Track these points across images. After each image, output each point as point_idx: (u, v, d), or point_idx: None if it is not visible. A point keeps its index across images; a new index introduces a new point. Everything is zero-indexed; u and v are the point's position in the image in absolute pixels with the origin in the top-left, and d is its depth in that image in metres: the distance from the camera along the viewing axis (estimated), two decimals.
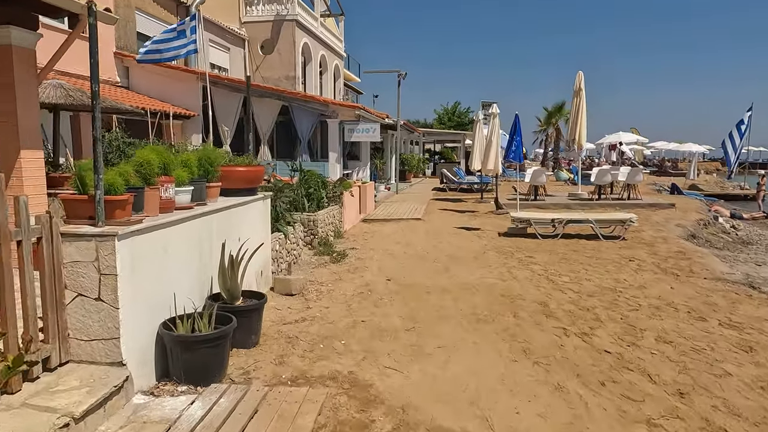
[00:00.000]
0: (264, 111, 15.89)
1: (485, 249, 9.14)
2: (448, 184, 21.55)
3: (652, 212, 13.76)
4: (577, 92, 16.14)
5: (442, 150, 42.82)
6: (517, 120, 11.15)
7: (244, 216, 5.43)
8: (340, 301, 5.90)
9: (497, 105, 13.83)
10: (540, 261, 8.14)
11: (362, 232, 11.05)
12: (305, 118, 15.59)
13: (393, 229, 11.34)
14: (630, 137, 24.07)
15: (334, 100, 15.39)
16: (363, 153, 19.93)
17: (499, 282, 6.82)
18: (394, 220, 12.80)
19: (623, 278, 7.05)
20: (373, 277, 7.01)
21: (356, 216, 12.35)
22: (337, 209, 10.38)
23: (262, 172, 5.83)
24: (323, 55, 26.71)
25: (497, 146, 13.65)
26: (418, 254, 8.64)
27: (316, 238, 8.93)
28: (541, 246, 9.38)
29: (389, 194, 18.66)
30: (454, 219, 13.04)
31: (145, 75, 16.04)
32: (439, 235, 10.63)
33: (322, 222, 9.18)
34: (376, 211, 14.22)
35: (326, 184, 10.40)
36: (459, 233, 10.84)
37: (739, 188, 31.59)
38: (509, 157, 11.12)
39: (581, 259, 8.32)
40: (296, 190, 9.12)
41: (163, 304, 3.82)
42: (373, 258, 8.26)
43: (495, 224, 12.04)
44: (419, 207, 15.10)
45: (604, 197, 15.42)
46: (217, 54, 21.39)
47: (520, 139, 11.21)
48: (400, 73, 19.56)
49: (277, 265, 6.66)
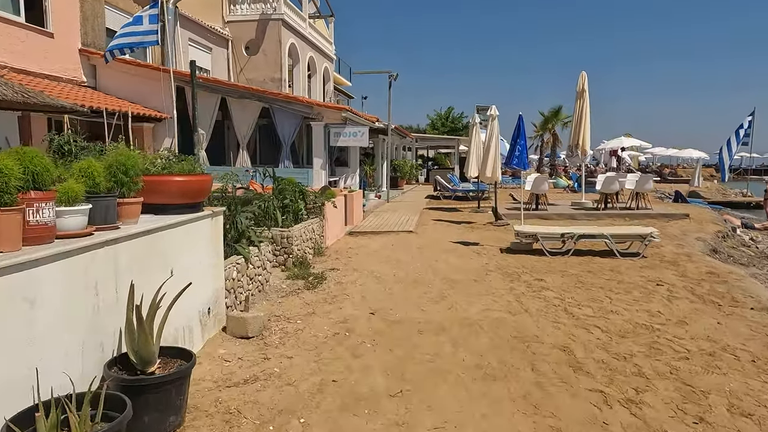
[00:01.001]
0: (243, 113, 14.64)
1: (487, 269, 7.91)
2: (441, 191, 20.36)
3: (666, 223, 12.60)
4: (580, 94, 15.02)
5: (436, 156, 41.68)
6: (521, 122, 9.98)
7: (182, 240, 4.16)
8: (309, 346, 4.63)
9: (496, 107, 12.68)
10: (552, 285, 6.92)
11: (347, 247, 9.79)
12: (287, 120, 14.35)
13: (381, 244, 10.10)
14: (632, 142, 23.02)
15: (318, 102, 14.20)
16: (352, 159, 18.70)
17: (507, 316, 5.58)
18: (383, 232, 11.55)
19: (656, 309, 5.83)
20: (353, 310, 5.75)
21: (341, 229, 11.10)
22: (318, 223, 9.12)
23: (209, 183, 4.57)
24: (311, 57, 25.53)
25: (496, 151, 12.48)
26: (408, 277, 7.38)
27: (290, 257, 7.66)
28: (550, 265, 8.16)
29: (379, 203, 17.43)
30: (449, 232, 11.81)
31: (113, 74, 14.75)
32: (433, 251, 9.39)
33: (298, 238, 7.92)
34: (364, 222, 12.97)
35: (305, 193, 9.15)
36: (456, 249, 9.61)
37: (741, 195, 30.69)
38: (512, 163, 9.93)
39: (600, 282, 7.10)
40: (268, 201, 7.85)
41: (18, 387, 2.54)
42: (355, 282, 7.00)
43: (495, 238, 10.82)
44: (411, 217, 13.87)
45: (611, 206, 14.26)
46: (197, 54, 20.10)
47: (525, 143, 10.01)
48: (391, 74, 18.39)
49: (235, 296, 5.39)
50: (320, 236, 9.24)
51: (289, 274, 7.23)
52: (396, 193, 21.90)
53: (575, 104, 15.15)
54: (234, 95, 14.38)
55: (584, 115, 14.83)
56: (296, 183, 9.42)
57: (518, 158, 9.84)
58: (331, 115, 14.09)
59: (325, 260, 8.51)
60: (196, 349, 4.36)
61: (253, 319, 4.78)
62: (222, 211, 4.92)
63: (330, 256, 8.85)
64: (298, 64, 23.97)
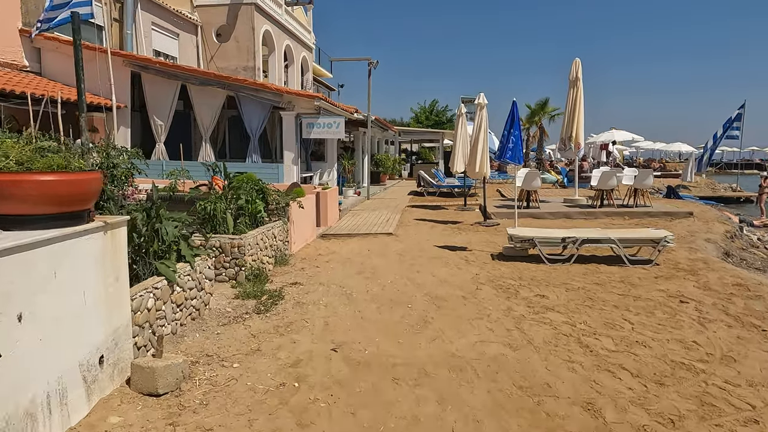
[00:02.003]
0: (205, 102, 13.23)
1: (478, 282, 6.70)
2: (425, 187, 19.15)
3: (669, 223, 11.54)
4: (573, 82, 13.89)
5: (420, 150, 40.47)
6: (515, 110, 8.75)
7: (45, 267, 2.86)
8: (240, 408, 3.37)
9: (484, 95, 11.47)
10: (557, 303, 5.73)
11: (316, 254, 8.52)
12: (254, 110, 12.98)
13: (356, 250, 8.84)
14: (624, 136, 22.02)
15: (288, 89, 12.86)
16: (329, 153, 17.38)
17: (507, 351, 4.37)
18: (359, 235, 10.30)
19: (691, 339, 4.67)
20: (311, 344, 4.49)
21: (311, 231, 9.81)
22: (281, 226, 7.82)
23: (93, 183, 3.26)
24: (288, 46, 24.09)
25: (485, 144, 11.29)
26: (385, 293, 6.14)
27: (243, 270, 6.36)
28: (551, 276, 6.99)
29: (358, 200, 16.17)
30: (434, 233, 10.59)
31: (59, 58, 13.23)
32: (415, 258, 8.16)
33: (254, 247, 6.62)
34: (339, 223, 11.70)
35: (266, 192, 7.84)
36: (441, 255, 8.39)
37: (731, 190, 30.02)
38: (506, 157, 8.71)
39: (613, 298, 5.94)
40: (216, 203, 6.54)
41: None
42: (319, 302, 5.74)
43: (485, 241, 9.63)
44: (392, 217, 12.64)
45: (608, 204, 13.19)
46: (162, 40, 18.58)
47: (520, 134, 8.80)
48: (371, 62, 17.07)
49: (152, 332, 4.10)
50: (284, 242, 7.95)
51: (239, 292, 5.94)
52: (377, 189, 20.65)
53: (568, 94, 14.02)
54: (194, 82, 12.96)
55: (578, 106, 13.71)
56: (256, 180, 8.12)
57: (512, 151, 8.62)
58: (304, 104, 12.76)
59: (287, 271, 7.23)
60: (76, 419, 3.07)
61: (166, 369, 3.50)
62: (124, 221, 3.61)
63: (294, 266, 7.57)
64: (274, 53, 22.55)
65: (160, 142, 13.33)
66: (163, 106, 13.25)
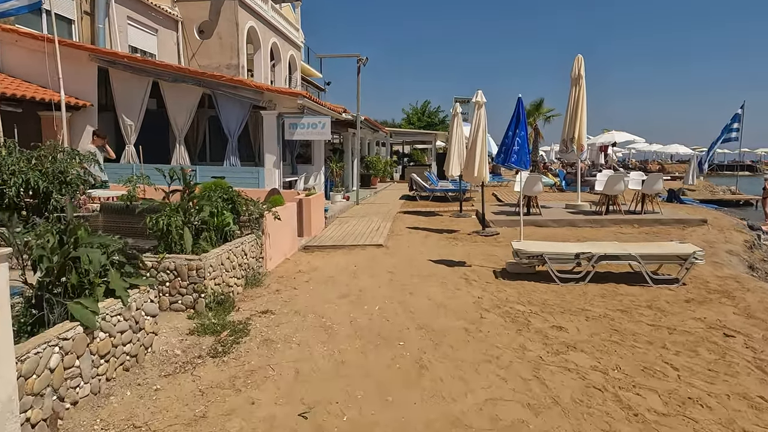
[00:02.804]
0: (179, 100, 12.17)
1: (481, 307, 5.73)
2: (418, 191, 18.18)
3: (683, 231, 10.65)
4: (575, 80, 12.99)
5: (412, 152, 39.51)
6: (520, 107, 7.78)
7: None
8: None
9: (482, 92, 10.53)
10: (579, 338, 4.76)
11: (295, 271, 7.50)
12: (233, 109, 11.94)
13: (342, 265, 7.84)
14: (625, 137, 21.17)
15: (269, 86, 11.84)
16: (316, 155, 16.35)
17: (528, 417, 3.38)
18: (346, 247, 9.29)
19: (755, 392, 3.70)
20: (274, 407, 3.48)
21: (292, 243, 8.79)
22: (253, 241, 6.79)
23: None
24: (275, 44, 23.07)
25: (483, 146, 10.34)
26: (372, 326, 5.14)
27: (202, 296, 5.34)
28: (565, 299, 6.02)
29: (347, 205, 15.16)
30: (428, 244, 9.61)
31: (21, 53, 12.11)
32: (408, 276, 7.17)
33: (216, 268, 5.59)
34: (325, 232, 10.69)
35: (236, 202, 6.82)
36: (437, 272, 7.41)
37: (730, 193, 29.34)
38: (510, 161, 7.71)
39: (643, 330, 4.98)
40: (170, 216, 5.50)
41: None
42: (292, 339, 4.73)
43: (485, 254, 8.67)
44: (382, 225, 11.64)
45: (615, 210, 12.28)
46: (139, 35, 17.50)
47: (526, 135, 7.80)
48: (360, 58, 16.07)
49: (58, 398, 3.08)
50: (257, 259, 6.93)
51: (196, 325, 4.91)
52: (367, 193, 19.66)
53: (570, 92, 13.12)
54: (167, 78, 11.89)
55: (580, 105, 12.81)
56: (227, 187, 7.09)
57: (518, 154, 7.63)
58: (286, 102, 11.74)
59: (260, 294, 6.21)
60: None
61: None
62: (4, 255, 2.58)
63: (269, 287, 6.55)
64: (260, 51, 21.54)
65: (130, 143, 12.25)
66: (133, 105, 12.18)
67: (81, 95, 12.23)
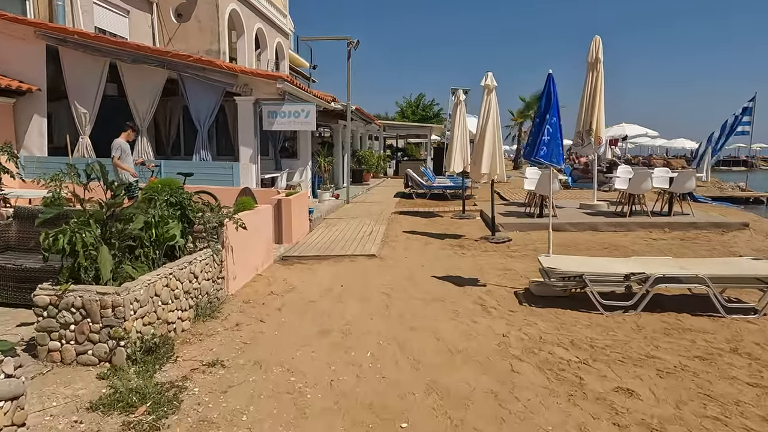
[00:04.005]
0: (140, 84, 10.53)
1: (508, 352, 4.22)
2: (414, 188, 16.66)
3: (722, 237, 9.21)
4: (593, 65, 11.50)
5: (406, 146, 37.94)
6: (550, 86, 6.14)
7: None
8: None
9: (493, 75, 8.99)
10: (661, 414, 3.27)
11: (266, 292, 5.96)
12: (202, 95, 10.33)
13: (326, 283, 6.30)
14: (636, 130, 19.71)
15: (243, 67, 10.25)
16: (302, 149, 14.78)
17: None
18: (332, 257, 7.76)
19: None
20: None
21: (265, 254, 7.24)
22: (207, 258, 5.23)
23: None
24: (260, 29, 21.41)
25: (495, 138, 8.83)
26: (361, 391, 3.60)
27: (123, 344, 3.79)
28: (618, 337, 4.54)
29: (336, 204, 13.61)
30: (430, 254, 8.10)
31: None
32: (408, 300, 5.66)
33: (146, 302, 4.03)
34: (310, 237, 9.15)
35: (186, 208, 5.25)
36: (445, 295, 5.89)
37: (739, 189, 28.07)
38: (538, 155, 6.09)
39: (747, 395, 3.50)
40: (77, 231, 3.93)
41: None
42: (240, 421, 3.17)
43: (500, 268, 7.17)
44: (375, 228, 10.11)
45: (638, 211, 10.82)
46: (107, 16, 15.76)
47: (558, 122, 6.20)
48: (351, 41, 14.48)
49: None
50: (214, 280, 5.37)
51: (106, 392, 3.37)
52: (359, 190, 18.11)
53: (586, 78, 11.62)
54: (125, 58, 10.25)
55: (598, 93, 11.33)
56: (177, 188, 5.53)
57: (547, 147, 6.05)
58: (264, 87, 10.14)
59: (212, 331, 4.66)
60: None
61: None
62: None
63: (227, 319, 5.01)
64: (243, 37, 19.89)
65: (85, 134, 10.61)
66: (88, 90, 10.53)
67: (26, 78, 10.57)
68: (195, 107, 10.40)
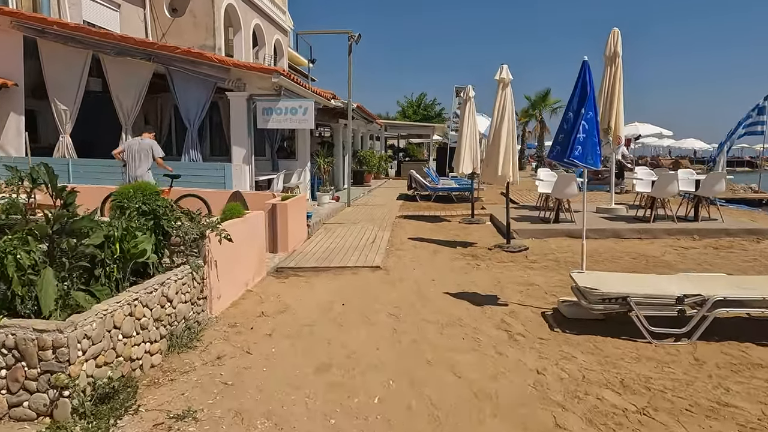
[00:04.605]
0: (125, 78, 9.75)
1: (549, 399, 3.44)
2: (419, 190, 15.87)
3: (756, 244, 8.42)
4: (611, 59, 10.71)
5: (407, 146, 37.13)
6: (586, 74, 5.30)
7: None
8: None
9: (508, 67, 8.20)
10: None
11: (256, 314, 5.17)
12: (192, 90, 9.56)
13: (324, 302, 5.52)
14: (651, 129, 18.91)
15: (237, 61, 9.48)
16: (301, 149, 14.00)
17: None
18: (332, 269, 6.97)
19: None
20: None
21: (258, 265, 6.45)
22: (185, 277, 4.44)
23: None
24: (258, 26, 20.67)
25: (511, 136, 8.06)
26: None
27: (67, 393, 3.00)
28: (677, 376, 3.75)
29: (336, 208, 12.82)
30: (439, 265, 7.31)
31: None
32: (419, 324, 4.87)
33: (100, 338, 3.25)
34: (307, 245, 8.37)
35: (161, 218, 4.47)
36: (461, 315, 5.11)
37: (751, 191, 27.26)
38: (572, 155, 5.22)
39: None
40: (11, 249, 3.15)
41: None
42: None
43: (521, 282, 6.38)
44: (378, 235, 9.33)
45: (662, 216, 10.03)
46: (97, 10, 14.98)
47: (596, 117, 5.38)
48: (352, 35, 13.70)
49: None
50: (193, 302, 4.58)
51: None
52: (360, 192, 17.33)
53: (604, 73, 10.83)
54: (109, 51, 9.47)
55: (617, 89, 10.55)
56: (152, 193, 4.75)
57: (583, 146, 5.21)
58: (258, 81, 9.36)
59: (188, 368, 3.88)
60: None
61: None
62: None
63: (207, 350, 4.22)
64: (240, 33, 19.14)
65: (65, 133, 9.83)
66: (69, 85, 9.75)
67: (2, 73, 9.80)
68: (184, 103, 9.61)
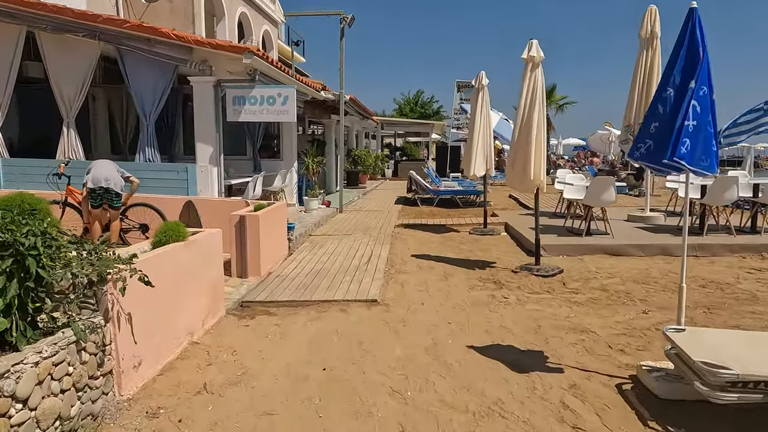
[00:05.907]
0: (66, 60, 8.02)
1: None
2: (419, 193, 14.18)
3: None
4: (647, 41, 9.13)
5: (405, 145, 35.45)
6: (697, 28, 3.52)
7: None
8: None
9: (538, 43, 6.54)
10: None
11: (195, 388, 3.46)
12: (147, 74, 7.82)
13: (297, 365, 3.81)
14: None
15: (201, 38, 7.75)
16: (286, 147, 12.30)
17: None
18: (313, 303, 5.27)
19: None
20: None
21: (212, 302, 4.73)
22: (65, 352, 2.74)
23: None
24: (244, 14, 18.91)
25: (541, 131, 6.39)
26: None
27: None
28: None
29: (327, 214, 11.12)
30: (456, 297, 5.61)
31: None
32: (439, 414, 3.17)
33: None
34: (286, 266, 6.66)
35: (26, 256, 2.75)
36: (496, 389, 3.41)
37: None
38: (677, 155, 3.47)
39: None
40: None
41: None
42: None
43: (568, 328, 4.69)
44: (375, 251, 7.64)
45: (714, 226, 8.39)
46: None
47: (710, 96, 3.73)
48: (344, 17, 12.00)
49: None
50: (88, 384, 2.88)
51: None
52: (354, 194, 15.63)
53: (638, 59, 9.23)
54: (45, 26, 7.73)
55: (654, 76, 8.97)
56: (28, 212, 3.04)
57: (691, 140, 3.44)
58: (227, 64, 7.66)
59: None
60: None
61: None
62: None
63: None
64: (224, 20, 17.42)
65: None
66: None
67: None
68: (138, 91, 7.88)
